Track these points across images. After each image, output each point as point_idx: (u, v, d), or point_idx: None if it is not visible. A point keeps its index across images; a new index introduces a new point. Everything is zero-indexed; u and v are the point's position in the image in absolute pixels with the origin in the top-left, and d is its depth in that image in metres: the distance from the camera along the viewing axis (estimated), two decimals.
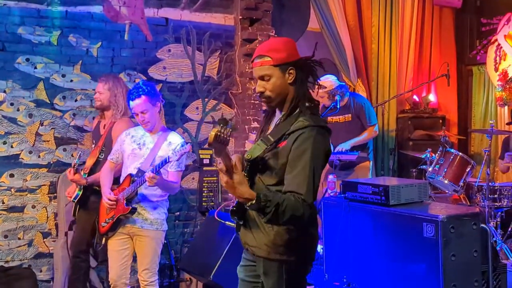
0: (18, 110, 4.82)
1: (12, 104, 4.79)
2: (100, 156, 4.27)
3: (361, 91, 6.40)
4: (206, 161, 5.42)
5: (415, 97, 6.91)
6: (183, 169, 3.92)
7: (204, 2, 5.45)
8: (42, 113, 4.89)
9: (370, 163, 5.64)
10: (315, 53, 2.56)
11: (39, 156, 4.89)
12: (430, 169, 5.25)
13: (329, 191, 4.85)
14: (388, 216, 3.79)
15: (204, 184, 5.43)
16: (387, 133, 6.66)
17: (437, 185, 5.47)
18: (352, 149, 5.37)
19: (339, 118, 5.55)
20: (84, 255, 4.36)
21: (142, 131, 3.92)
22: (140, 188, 3.74)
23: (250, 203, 2.25)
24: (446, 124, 6.78)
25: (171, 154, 3.59)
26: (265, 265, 2.48)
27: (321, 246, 4.38)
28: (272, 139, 2.45)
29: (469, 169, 5.15)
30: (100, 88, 4.35)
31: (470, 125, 7.09)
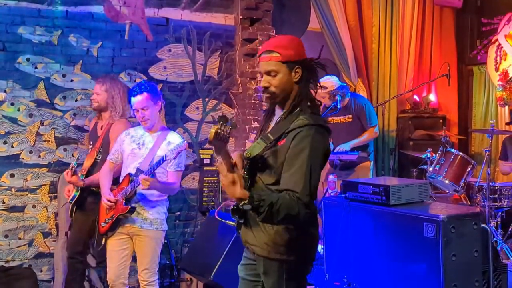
0: (19, 110, 4.82)
1: (12, 104, 4.79)
2: (98, 158, 4.27)
3: (362, 91, 6.39)
4: (206, 161, 5.42)
5: (415, 97, 6.90)
6: (182, 169, 3.92)
7: (205, 2, 5.45)
8: (43, 113, 4.89)
9: (371, 163, 5.64)
10: (320, 54, 2.57)
11: (40, 156, 4.88)
12: (430, 169, 5.24)
13: (330, 191, 4.84)
14: (388, 216, 3.79)
15: (204, 184, 5.42)
16: (388, 133, 6.66)
17: (438, 185, 5.46)
18: (353, 149, 5.36)
19: (339, 119, 5.54)
20: (80, 256, 4.35)
21: (142, 131, 3.92)
22: (138, 187, 3.73)
23: (243, 202, 2.23)
24: (446, 124, 6.77)
25: (168, 153, 3.60)
26: (265, 265, 2.47)
27: (321, 246, 4.38)
28: (272, 137, 2.44)
29: (469, 169, 5.14)
30: (97, 89, 4.34)
31: (471, 125, 7.07)
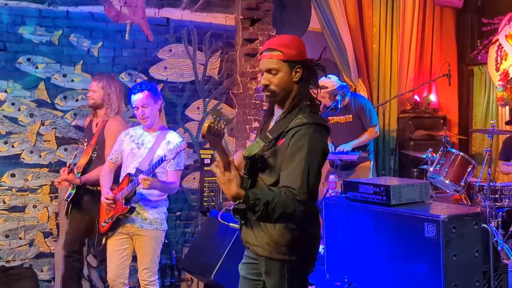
0: (19, 110, 4.82)
1: (13, 104, 4.80)
2: (93, 155, 4.27)
3: (362, 91, 6.39)
4: (207, 161, 5.42)
5: (416, 97, 6.89)
6: (181, 168, 3.92)
7: (205, 2, 5.45)
8: (43, 113, 4.90)
9: (371, 163, 5.64)
10: (321, 56, 2.57)
11: (40, 156, 4.89)
12: (431, 169, 5.24)
13: (330, 191, 4.85)
14: (389, 216, 3.79)
15: (205, 184, 5.42)
16: (388, 133, 6.66)
17: (438, 185, 5.46)
18: (353, 149, 5.36)
19: (339, 119, 5.54)
20: (77, 255, 4.36)
21: (141, 130, 3.92)
22: (138, 187, 3.73)
23: (238, 201, 2.23)
24: (447, 124, 6.77)
25: (167, 152, 3.60)
26: (267, 265, 2.47)
27: (322, 246, 4.38)
28: (271, 137, 2.44)
29: (470, 169, 5.14)
30: (94, 86, 4.35)
31: (471, 125, 7.07)
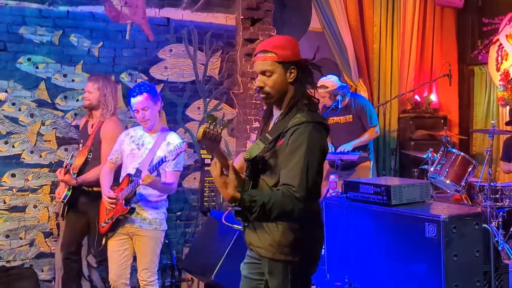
0: (20, 110, 4.81)
1: (13, 104, 4.79)
2: (89, 156, 4.27)
3: (363, 91, 6.39)
4: (207, 161, 5.42)
5: (416, 97, 6.90)
6: (180, 169, 3.91)
7: (206, 2, 5.44)
8: (44, 113, 4.89)
9: (371, 163, 5.64)
10: (315, 55, 2.56)
11: (41, 156, 4.88)
12: (431, 169, 5.24)
13: (331, 191, 4.84)
14: (390, 216, 3.79)
15: (205, 184, 5.42)
16: (389, 133, 6.66)
17: (439, 185, 5.46)
18: (354, 149, 5.37)
19: (339, 119, 5.54)
20: (74, 256, 4.37)
21: (141, 131, 3.92)
22: (138, 188, 3.74)
23: (234, 204, 2.22)
24: (447, 124, 6.77)
25: (168, 154, 3.60)
26: (270, 265, 2.47)
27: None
28: (271, 138, 2.44)
29: (470, 169, 5.14)
30: (90, 87, 4.34)
31: (472, 125, 7.07)
